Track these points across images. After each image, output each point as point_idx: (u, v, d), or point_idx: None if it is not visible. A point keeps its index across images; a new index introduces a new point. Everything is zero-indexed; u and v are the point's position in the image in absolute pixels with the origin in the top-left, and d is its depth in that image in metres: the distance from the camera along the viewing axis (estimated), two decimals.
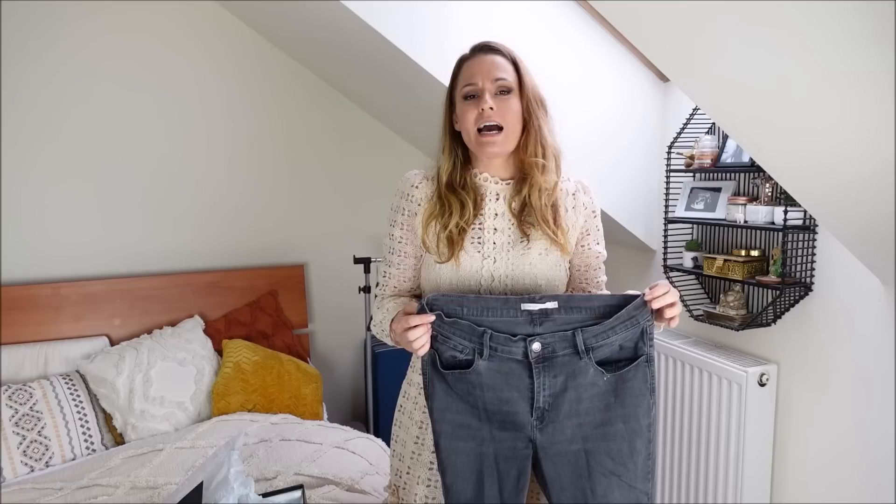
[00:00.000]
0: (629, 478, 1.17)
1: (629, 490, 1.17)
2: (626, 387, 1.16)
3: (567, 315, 1.14)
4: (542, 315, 1.14)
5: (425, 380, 1.18)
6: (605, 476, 1.16)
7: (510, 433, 1.16)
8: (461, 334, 1.15)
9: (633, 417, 1.16)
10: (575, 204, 1.33)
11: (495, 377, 1.15)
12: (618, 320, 1.14)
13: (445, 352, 1.16)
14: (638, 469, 1.17)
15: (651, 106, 2.43)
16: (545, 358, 1.14)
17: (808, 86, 1.15)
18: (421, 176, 1.34)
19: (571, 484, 1.16)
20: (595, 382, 1.15)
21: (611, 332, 1.14)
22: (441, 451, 1.18)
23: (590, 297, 1.18)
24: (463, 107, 1.26)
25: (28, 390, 2.29)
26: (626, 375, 1.15)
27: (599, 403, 1.16)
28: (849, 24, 0.97)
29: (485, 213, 1.29)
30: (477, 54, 1.28)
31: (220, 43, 2.80)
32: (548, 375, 1.14)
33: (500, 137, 1.24)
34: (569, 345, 1.14)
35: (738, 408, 2.01)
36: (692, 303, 2.27)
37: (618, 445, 1.16)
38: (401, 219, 1.33)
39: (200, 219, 2.86)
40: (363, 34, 2.06)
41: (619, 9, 1.25)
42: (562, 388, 1.15)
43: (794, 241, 1.89)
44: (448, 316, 1.15)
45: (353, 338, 3.19)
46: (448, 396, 1.17)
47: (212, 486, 1.52)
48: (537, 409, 1.15)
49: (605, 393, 1.15)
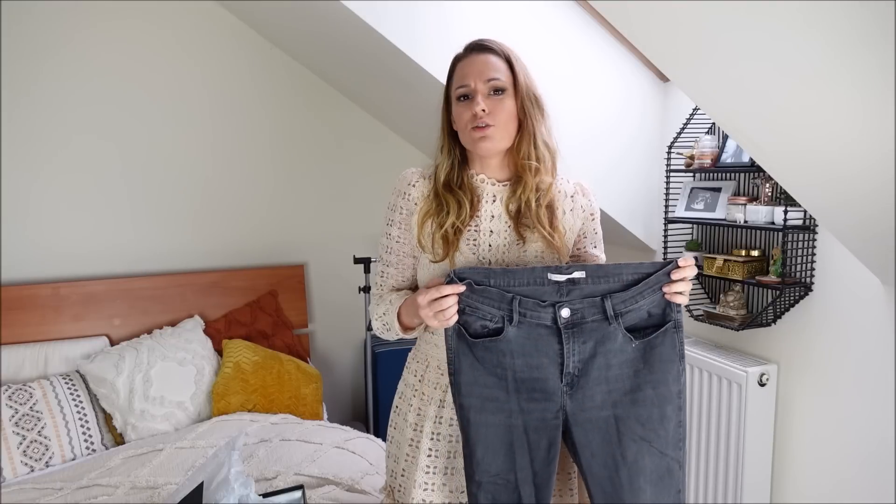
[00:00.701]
0: (660, 444, 1.16)
1: (660, 457, 1.16)
2: (654, 353, 1.16)
3: (594, 285, 1.14)
4: (569, 284, 1.14)
5: (450, 355, 1.17)
6: (636, 442, 1.16)
7: (539, 404, 1.16)
8: (490, 303, 1.15)
9: (662, 383, 1.16)
10: (573, 206, 1.32)
11: (525, 343, 1.15)
12: (646, 286, 1.14)
13: (474, 322, 1.16)
14: (669, 436, 1.16)
15: (651, 106, 2.43)
16: (574, 324, 1.14)
17: (808, 86, 1.15)
18: (418, 174, 1.33)
19: (602, 450, 1.16)
20: (624, 349, 1.15)
21: (639, 296, 1.14)
22: (470, 426, 1.17)
23: (619, 265, 1.16)
24: (457, 108, 1.26)
25: (28, 390, 2.29)
26: (655, 342, 1.16)
27: (629, 370, 1.16)
28: (848, 25, 0.98)
29: (481, 215, 1.29)
30: (470, 54, 1.27)
31: (220, 43, 2.80)
32: (577, 341, 1.15)
33: (490, 131, 1.22)
34: (598, 311, 1.14)
35: (738, 408, 2.01)
36: (692, 303, 2.27)
37: (648, 411, 1.16)
38: (398, 218, 1.32)
39: (200, 219, 2.86)
40: (363, 34, 2.06)
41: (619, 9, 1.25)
42: (591, 354, 1.15)
43: (794, 241, 1.89)
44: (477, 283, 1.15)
45: (353, 338, 3.19)
46: (474, 371, 1.16)
47: (212, 486, 1.52)
48: (567, 374, 1.15)
49: (634, 359, 1.16)
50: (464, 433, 1.18)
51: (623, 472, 1.16)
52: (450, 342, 1.17)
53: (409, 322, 1.27)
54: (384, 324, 1.31)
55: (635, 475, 1.16)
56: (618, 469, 1.16)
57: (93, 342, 2.58)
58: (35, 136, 2.57)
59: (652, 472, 1.16)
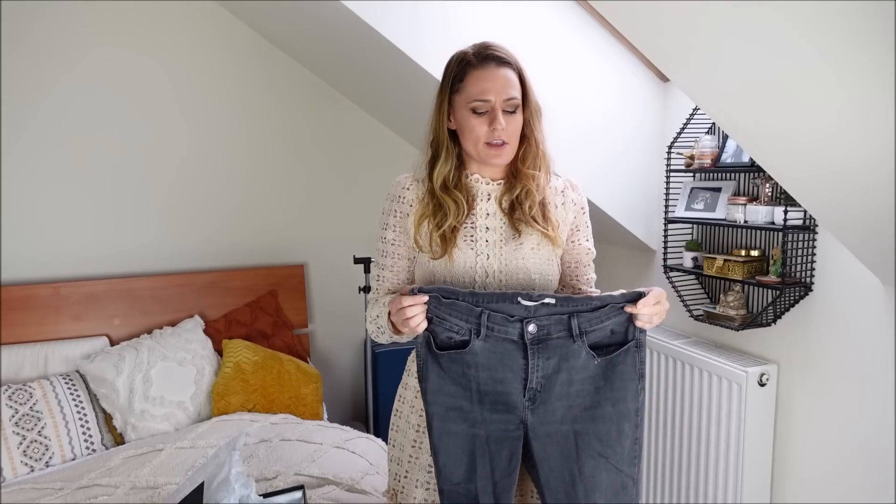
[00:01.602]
0: (616, 460, 1.18)
1: (616, 473, 1.18)
2: (615, 371, 1.18)
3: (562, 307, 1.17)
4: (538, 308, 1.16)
5: (419, 362, 1.20)
6: (593, 458, 1.18)
7: (502, 415, 1.18)
8: (458, 315, 1.17)
9: (621, 401, 1.18)
10: (564, 201, 1.36)
11: (490, 357, 1.17)
12: (612, 310, 1.17)
13: (441, 333, 1.18)
14: (625, 452, 1.18)
15: (651, 106, 2.43)
16: (540, 339, 1.16)
17: (808, 86, 1.15)
18: (411, 179, 1.36)
19: (559, 465, 1.18)
20: (586, 366, 1.17)
21: (604, 317, 1.17)
22: (433, 433, 1.19)
23: (590, 297, 1.19)
24: (471, 120, 1.25)
25: (28, 390, 2.29)
26: (616, 360, 1.18)
27: (589, 386, 1.18)
28: (848, 24, 0.98)
29: (476, 213, 1.31)
30: (488, 65, 1.25)
31: (220, 43, 2.80)
32: (542, 357, 1.17)
33: (505, 151, 1.27)
34: (563, 328, 1.16)
35: (738, 408, 2.01)
36: (692, 303, 2.27)
37: (606, 427, 1.18)
38: (393, 221, 1.35)
39: (200, 219, 2.86)
40: (363, 34, 2.06)
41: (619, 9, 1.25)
42: (554, 370, 1.17)
43: (794, 241, 1.89)
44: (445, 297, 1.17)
45: (353, 338, 3.19)
46: (440, 379, 1.18)
47: (213, 486, 1.52)
48: (530, 389, 1.17)
49: (595, 376, 1.18)
50: (430, 441, 1.20)
51: (580, 487, 1.17)
52: (419, 349, 1.19)
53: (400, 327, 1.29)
54: (378, 327, 1.32)
55: (591, 490, 1.17)
56: (574, 484, 1.17)
57: (93, 342, 2.58)
58: (35, 136, 2.57)
59: (607, 488, 1.18)
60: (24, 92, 2.53)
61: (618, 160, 2.41)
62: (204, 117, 2.82)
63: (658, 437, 2.36)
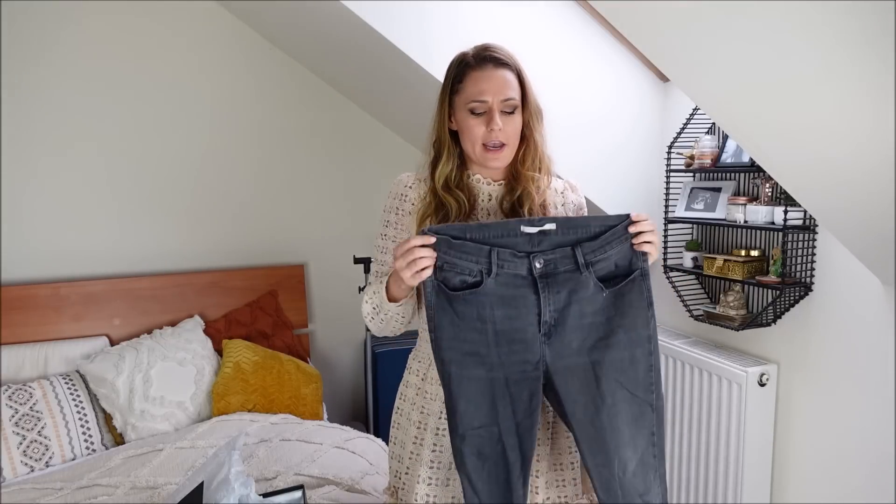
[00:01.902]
0: (631, 386, 1.21)
1: (632, 398, 1.21)
2: (624, 300, 1.21)
3: (564, 236, 1.19)
4: (540, 235, 1.18)
5: (429, 312, 1.19)
6: (611, 384, 1.20)
7: (519, 356, 1.19)
8: (467, 257, 1.18)
9: (632, 328, 1.21)
10: (564, 201, 1.37)
11: (504, 294, 1.19)
12: (612, 236, 1.19)
13: (453, 278, 1.19)
14: (639, 378, 1.21)
15: (651, 106, 2.43)
16: (548, 274, 1.19)
17: (808, 86, 1.15)
18: (413, 178, 1.37)
19: (582, 396, 1.20)
20: (595, 298, 1.20)
21: (607, 246, 1.19)
22: (452, 380, 1.19)
23: (587, 217, 1.22)
24: (469, 120, 1.26)
25: (28, 390, 2.29)
26: (624, 290, 1.20)
27: (601, 317, 1.21)
28: (848, 25, 0.98)
29: (478, 214, 1.32)
30: (486, 67, 1.26)
31: (220, 43, 2.80)
32: (552, 291, 1.19)
33: (503, 153, 1.28)
34: (570, 261, 1.19)
35: (738, 408, 2.01)
36: (692, 303, 2.27)
37: (620, 354, 1.20)
38: (394, 218, 1.35)
39: (201, 219, 2.86)
40: (363, 34, 2.06)
41: (619, 9, 1.25)
42: (565, 303, 1.19)
43: (794, 241, 1.89)
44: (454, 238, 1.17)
45: (353, 338, 3.19)
46: (454, 326, 1.19)
47: (212, 486, 1.52)
48: (544, 323, 1.19)
49: (606, 307, 1.21)
50: (446, 388, 1.20)
51: (604, 414, 1.20)
52: (429, 298, 1.20)
53: (396, 291, 1.26)
54: (374, 306, 1.31)
55: (614, 416, 1.20)
56: (598, 411, 1.20)
57: (93, 342, 2.58)
58: (35, 136, 2.57)
59: (627, 413, 1.21)
60: (23, 92, 2.53)
61: (618, 160, 2.41)
62: (204, 118, 2.82)
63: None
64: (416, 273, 1.15)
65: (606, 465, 1.20)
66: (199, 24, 2.76)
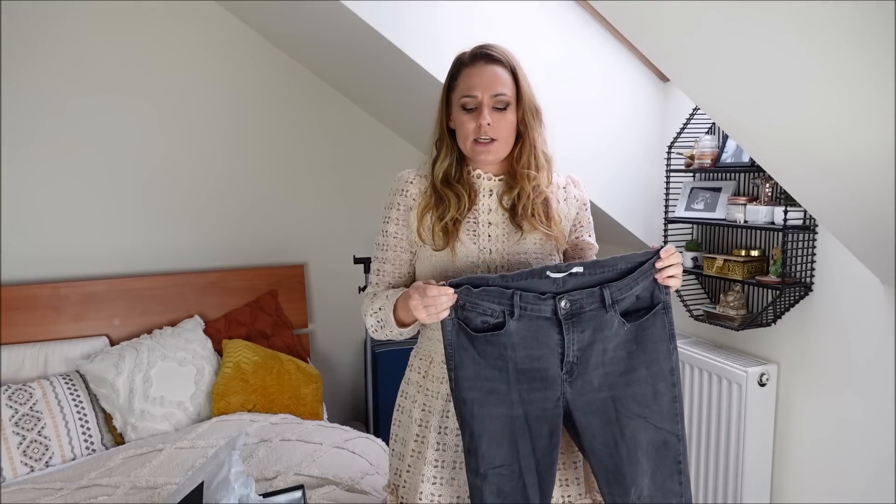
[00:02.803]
0: (655, 419, 1.22)
1: (656, 431, 1.22)
2: (646, 334, 1.21)
3: (590, 276, 1.19)
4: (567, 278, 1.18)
5: (449, 350, 1.20)
6: (632, 419, 1.21)
7: (540, 393, 1.20)
8: (490, 299, 1.18)
9: (654, 362, 1.21)
10: (566, 196, 1.38)
11: (526, 336, 1.19)
12: (640, 273, 1.19)
13: (475, 318, 1.19)
14: (664, 411, 1.22)
15: (651, 106, 2.43)
16: (574, 314, 1.19)
17: (809, 86, 1.15)
18: (414, 174, 1.38)
19: (601, 430, 1.21)
20: (618, 333, 1.20)
21: (633, 284, 1.20)
22: (474, 419, 1.19)
23: (614, 258, 1.21)
24: (461, 115, 1.29)
25: (28, 390, 2.29)
26: (646, 324, 1.21)
27: (623, 352, 1.21)
28: (848, 25, 0.98)
29: (478, 208, 1.33)
30: (478, 63, 1.28)
31: (219, 43, 2.80)
32: (576, 330, 1.19)
33: (492, 147, 1.28)
34: (596, 300, 1.19)
35: (738, 408, 2.01)
36: (692, 303, 2.27)
37: (642, 389, 1.21)
38: (395, 214, 1.36)
39: (200, 219, 2.86)
40: (362, 34, 2.06)
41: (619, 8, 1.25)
42: (589, 342, 1.20)
43: (794, 241, 1.89)
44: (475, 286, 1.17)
45: (353, 338, 3.19)
46: (476, 364, 1.19)
47: (212, 486, 1.52)
48: (567, 363, 1.19)
49: (627, 342, 1.21)
50: (466, 427, 1.20)
51: (622, 448, 1.21)
52: (449, 337, 1.19)
53: (404, 317, 1.27)
54: (378, 320, 1.31)
55: (633, 450, 1.21)
56: (617, 446, 1.21)
57: (93, 342, 2.58)
58: (35, 136, 2.57)
59: (648, 445, 1.22)
60: (23, 92, 2.53)
61: (617, 160, 2.41)
62: (204, 118, 2.82)
63: None
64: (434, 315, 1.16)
65: (622, 494, 1.21)
66: (199, 24, 2.76)
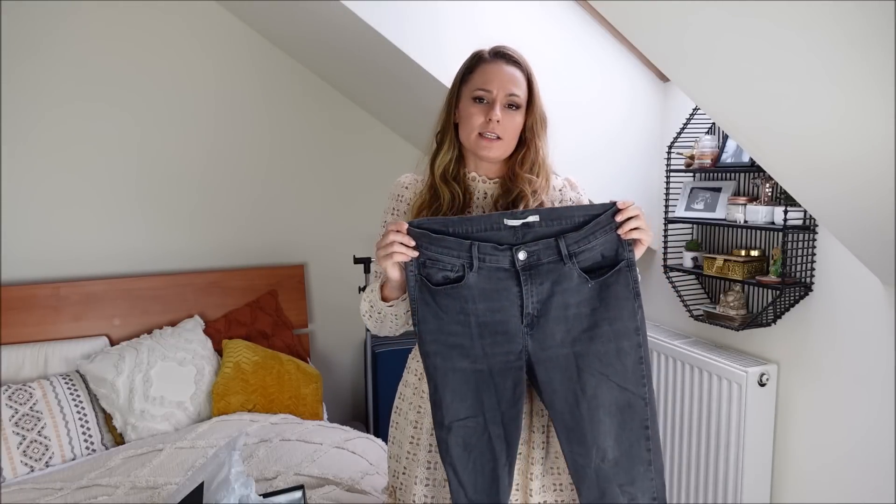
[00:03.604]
0: (618, 378, 1.20)
1: (619, 391, 1.20)
2: (609, 291, 1.20)
3: (548, 227, 1.19)
4: (524, 227, 1.18)
5: (413, 305, 1.21)
6: (594, 376, 1.20)
7: (502, 347, 1.20)
8: (449, 252, 1.19)
9: (617, 319, 1.20)
10: (562, 199, 1.37)
11: (486, 288, 1.19)
12: (597, 226, 1.19)
13: (436, 274, 1.20)
14: (627, 371, 1.20)
15: (651, 106, 2.42)
16: (531, 265, 1.19)
17: (808, 86, 1.15)
18: (412, 178, 1.39)
19: (563, 386, 1.21)
20: (580, 289, 1.20)
21: (591, 237, 1.19)
22: (437, 372, 1.21)
23: (571, 207, 1.22)
24: (471, 107, 1.29)
25: (28, 390, 2.29)
26: (609, 280, 1.20)
27: (586, 308, 1.20)
28: (848, 25, 0.98)
29: (472, 210, 1.33)
30: (498, 61, 1.30)
31: (220, 43, 2.80)
32: (535, 283, 1.19)
33: (496, 145, 1.29)
34: (553, 252, 1.19)
35: (738, 408, 2.01)
36: (692, 303, 2.27)
37: (605, 347, 1.20)
38: (391, 219, 1.38)
39: (200, 219, 2.86)
40: (363, 34, 2.06)
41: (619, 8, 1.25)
42: (549, 294, 1.19)
43: (794, 241, 1.89)
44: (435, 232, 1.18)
45: (353, 338, 3.19)
46: (438, 319, 1.21)
47: (213, 486, 1.52)
48: (527, 315, 1.19)
49: (590, 298, 1.20)
50: (431, 381, 1.22)
51: (583, 405, 1.20)
52: (412, 292, 1.21)
53: (387, 291, 1.29)
54: (370, 303, 1.33)
55: (595, 408, 1.20)
56: (578, 403, 1.20)
57: (93, 342, 2.58)
58: (35, 136, 2.57)
59: (611, 405, 1.21)
60: (23, 92, 2.53)
61: (617, 160, 2.41)
62: (204, 117, 2.82)
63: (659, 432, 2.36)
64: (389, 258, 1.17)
65: (583, 454, 1.21)
66: (199, 24, 2.76)
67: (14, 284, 2.55)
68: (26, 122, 2.55)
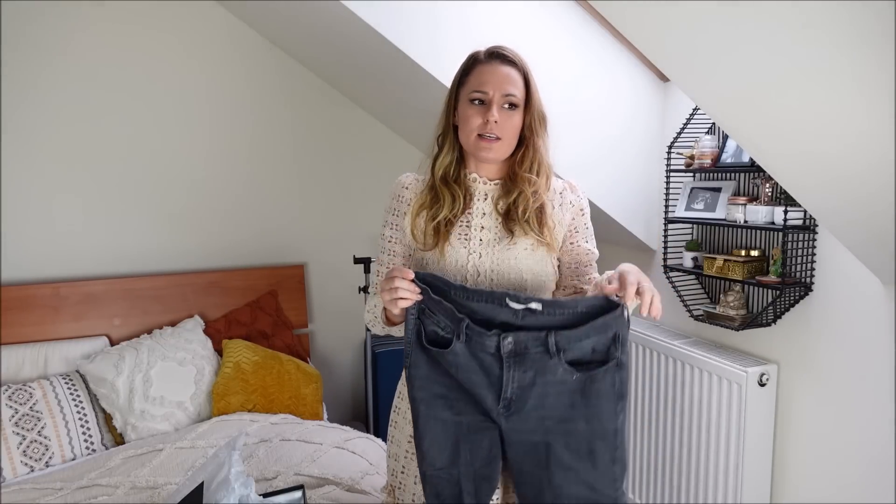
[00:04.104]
0: (588, 477, 1.17)
1: (588, 490, 1.17)
2: (593, 388, 1.16)
3: (549, 317, 1.15)
4: (526, 312, 1.15)
5: (407, 348, 1.21)
6: (563, 470, 1.17)
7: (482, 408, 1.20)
8: (444, 313, 1.19)
9: (595, 418, 1.16)
10: (562, 202, 1.36)
11: (470, 362, 1.18)
12: (591, 328, 1.14)
13: (429, 325, 1.20)
14: (598, 472, 1.16)
15: (651, 106, 2.43)
16: (517, 353, 1.16)
17: (808, 86, 1.15)
18: (412, 178, 1.39)
19: (531, 471, 1.20)
20: (564, 380, 1.16)
21: (584, 336, 1.15)
22: (420, 418, 1.22)
23: (575, 299, 1.18)
24: (468, 109, 1.29)
25: (28, 390, 2.29)
26: (595, 377, 1.16)
27: (566, 400, 1.17)
28: (848, 25, 0.98)
29: (473, 212, 1.33)
30: (493, 61, 1.29)
31: (220, 43, 2.80)
32: (518, 370, 1.17)
33: (496, 145, 1.28)
34: (540, 344, 1.15)
35: (738, 408, 2.01)
36: (692, 303, 2.27)
37: (577, 443, 1.17)
38: (391, 219, 1.38)
39: (200, 219, 2.86)
40: (363, 34, 2.06)
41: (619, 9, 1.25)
42: (530, 383, 1.17)
43: (794, 241, 1.89)
44: (435, 293, 1.18)
45: (353, 338, 3.19)
46: (429, 367, 1.21)
47: (212, 486, 1.52)
48: (504, 398, 1.18)
49: (572, 391, 1.17)
50: (415, 426, 1.23)
51: (548, 495, 1.18)
52: (409, 335, 1.21)
53: (391, 315, 1.30)
54: (375, 316, 1.36)
55: (559, 499, 1.18)
56: (542, 492, 1.18)
57: (93, 342, 2.58)
58: (35, 137, 2.57)
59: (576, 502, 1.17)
60: (24, 92, 2.53)
61: (617, 159, 2.41)
62: (204, 117, 2.82)
63: (658, 437, 2.37)
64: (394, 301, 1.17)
65: None
66: (199, 24, 2.76)
67: (14, 284, 2.55)
68: (26, 123, 2.55)
